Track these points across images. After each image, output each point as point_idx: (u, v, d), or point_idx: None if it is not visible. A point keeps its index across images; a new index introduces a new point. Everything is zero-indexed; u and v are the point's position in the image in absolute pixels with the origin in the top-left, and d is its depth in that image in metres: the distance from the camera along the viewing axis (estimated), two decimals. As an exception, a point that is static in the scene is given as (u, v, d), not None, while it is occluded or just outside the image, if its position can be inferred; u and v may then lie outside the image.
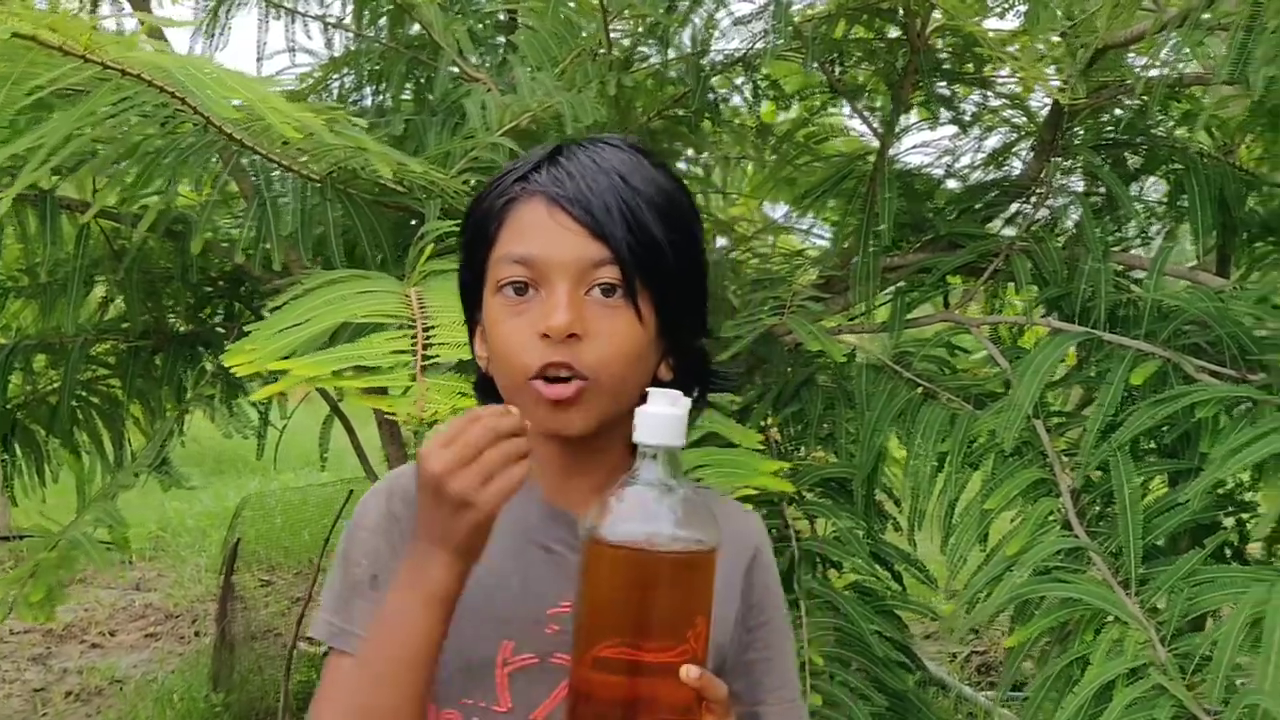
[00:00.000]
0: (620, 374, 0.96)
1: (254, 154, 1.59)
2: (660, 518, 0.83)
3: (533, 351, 0.94)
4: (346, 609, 1.00)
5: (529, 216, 0.97)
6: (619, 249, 0.94)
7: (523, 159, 1.02)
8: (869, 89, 2.40)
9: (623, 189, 0.96)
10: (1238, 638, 1.53)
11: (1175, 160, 2.35)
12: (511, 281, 0.96)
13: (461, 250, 1.04)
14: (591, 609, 0.84)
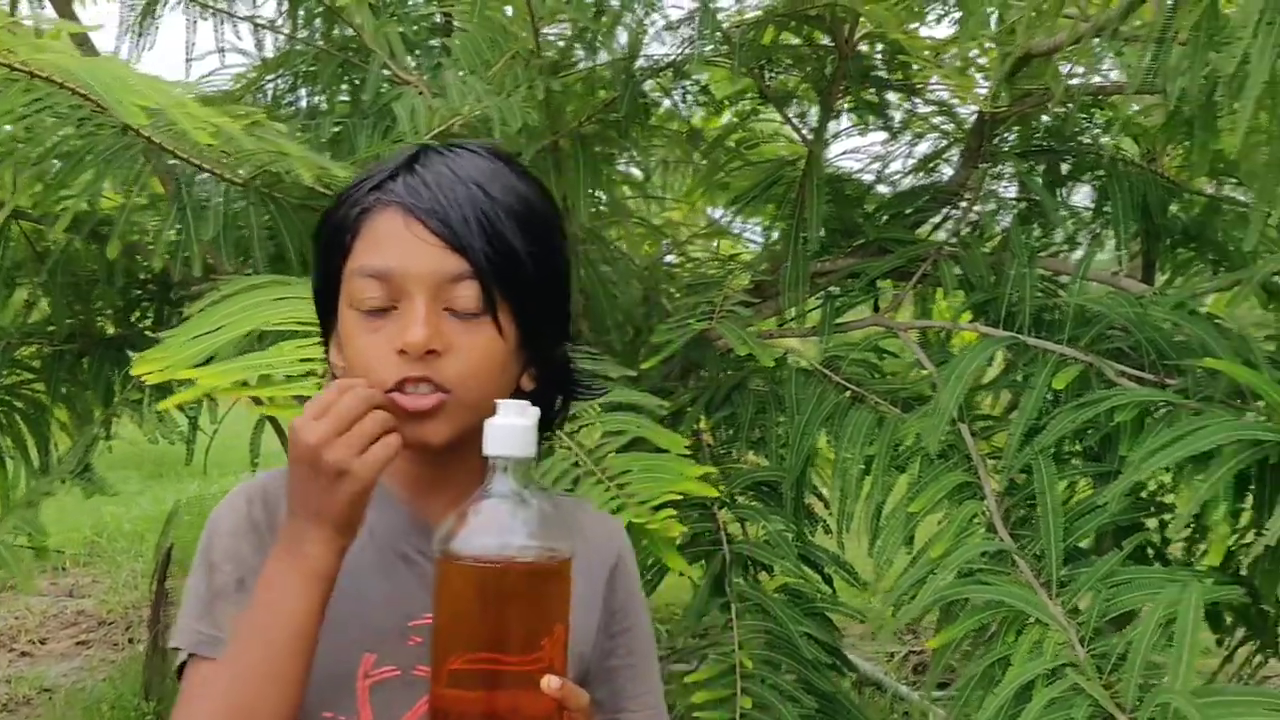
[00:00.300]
0: (481, 388, 0.94)
1: (175, 157, 1.57)
2: (512, 530, 0.82)
3: (390, 367, 0.92)
4: (211, 615, 0.96)
5: (385, 227, 0.94)
6: (477, 262, 0.92)
7: (378, 165, 0.99)
8: (799, 95, 2.41)
9: (481, 199, 0.94)
10: (1152, 637, 1.56)
11: (1101, 168, 2.39)
12: (367, 295, 0.93)
13: (315, 256, 1.01)
14: (447, 623, 0.83)
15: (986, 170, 2.33)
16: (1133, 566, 1.77)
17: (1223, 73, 1.39)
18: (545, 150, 2.09)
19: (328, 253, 0.98)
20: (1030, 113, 2.26)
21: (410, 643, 0.97)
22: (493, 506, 0.83)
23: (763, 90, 2.35)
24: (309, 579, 0.88)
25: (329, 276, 0.98)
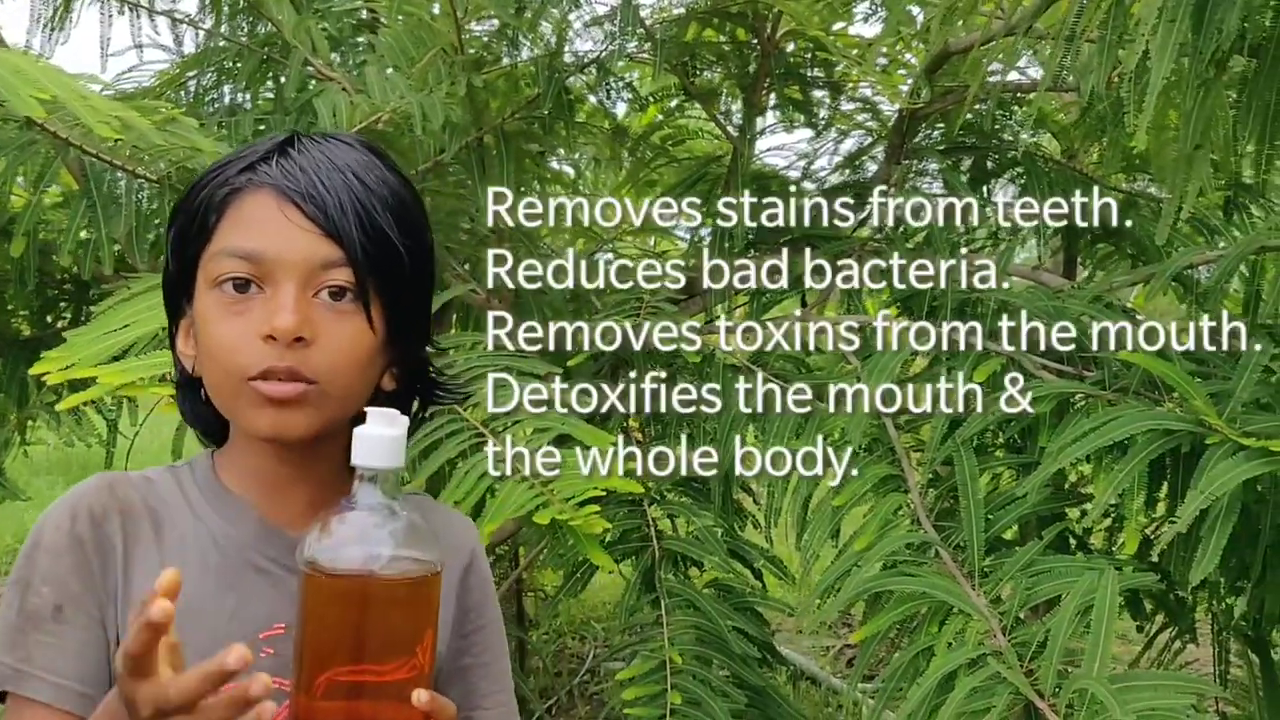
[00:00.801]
0: (347, 381, 0.91)
1: (83, 153, 1.53)
2: (380, 542, 0.80)
3: (253, 353, 0.88)
4: (22, 644, 0.89)
5: (255, 209, 0.90)
6: (353, 250, 0.90)
7: (248, 148, 0.95)
8: (723, 92, 2.42)
9: (358, 188, 0.91)
10: (1070, 624, 1.59)
11: (1020, 165, 2.43)
12: (233, 277, 0.89)
13: (169, 241, 0.96)
14: (312, 636, 0.81)
15: (910, 167, 2.36)
16: (1053, 556, 1.80)
17: (1126, 68, 1.42)
18: (469, 147, 2.08)
19: (186, 234, 0.93)
20: (952, 110, 2.29)
21: (262, 655, 0.93)
22: (360, 518, 0.81)
23: (687, 87, 2.36)
24: None
25: (185, 261, 0.93)
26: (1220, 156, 1.88)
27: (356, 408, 0.93)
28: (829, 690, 3.73)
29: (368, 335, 0.92)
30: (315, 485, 0.97)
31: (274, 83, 2.68)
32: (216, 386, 0.93)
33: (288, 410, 0.90)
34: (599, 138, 2.59)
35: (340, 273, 0.90)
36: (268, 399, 0.89)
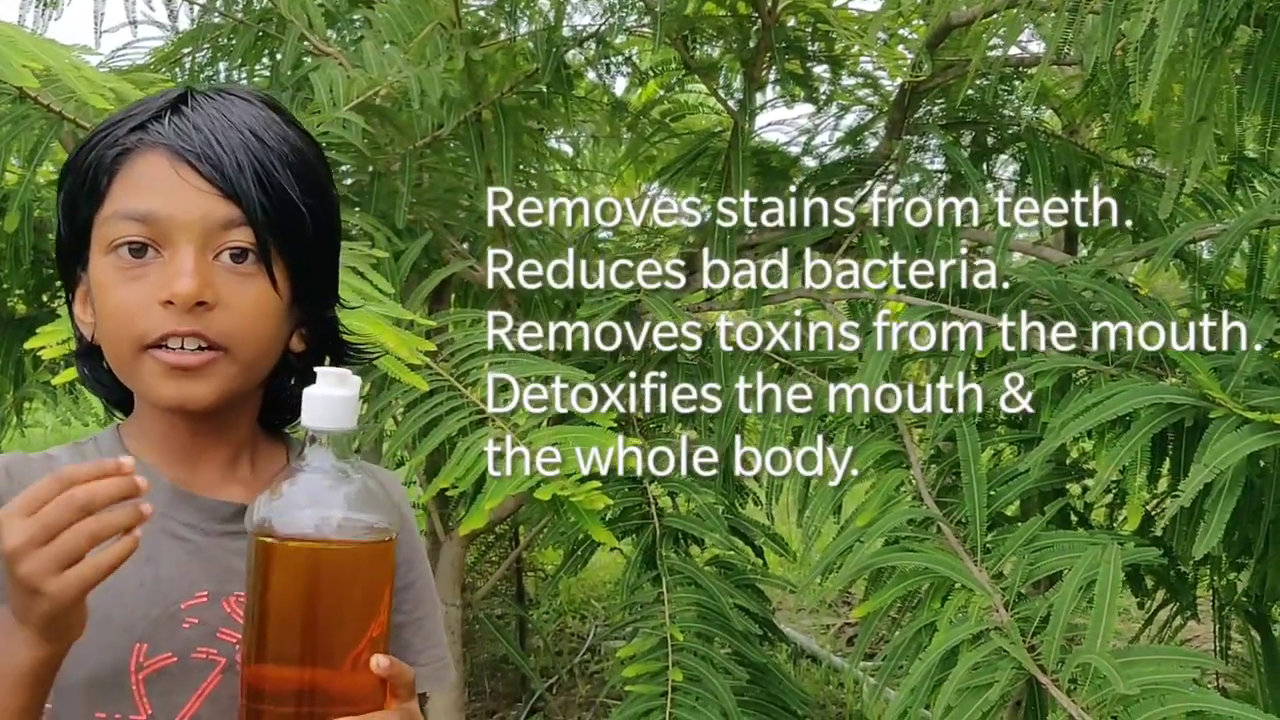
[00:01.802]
0: (254, 346, 0.88)
1: (78, 126, 1.52)
2: (332, 505, 0.78)
3: (152, 319, 0.85)
4: None
5: (148, 170, 0.87)
6: (252, 210, 0.86)
7: (138, 106, 0.91)
8: (723, 67, 2.41)
9: (255, 146, 0.88)
10: (1072, 600, 1.59)
11: (1023, 140, 2.42)
12: (128, 241, 0.86)
13: (60, 205, 0.92)
14: (264, 604, 0.79)
15: (911, 142, 2.34)
16: (1055, 531, 1.80)
17: (1132, 38, 1.41)
18: (468, 122, 2.06)
19: (77, 197, 0.90)
20: (953, 84, 2.27)
21: (185, 625, 0.90)
22: (311, 481, 0.79)
23: (687, 62, 2.34)
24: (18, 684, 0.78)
25: (77, 226, 0.90)
26: (1224, 129, 1.87)
27: (264, 372, 0.92)
28: (829, 668, 3.73)
29: (272, 297, 0.89)
30: (228, 449, 0.94)
31: (270, 59, 2.66)
32: (115, 356, 0.90)
33: (191, 379, 0.87)
34: (598, 113, 2.57)
35: (240, 233, 0.87)
36: (170, 367, 0.86)
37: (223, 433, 0.94)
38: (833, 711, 3.48)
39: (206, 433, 0.93)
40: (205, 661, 0.90)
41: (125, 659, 0.89)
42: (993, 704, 1.53)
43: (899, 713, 1.62)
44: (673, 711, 1.84)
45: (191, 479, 0.93)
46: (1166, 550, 1.88)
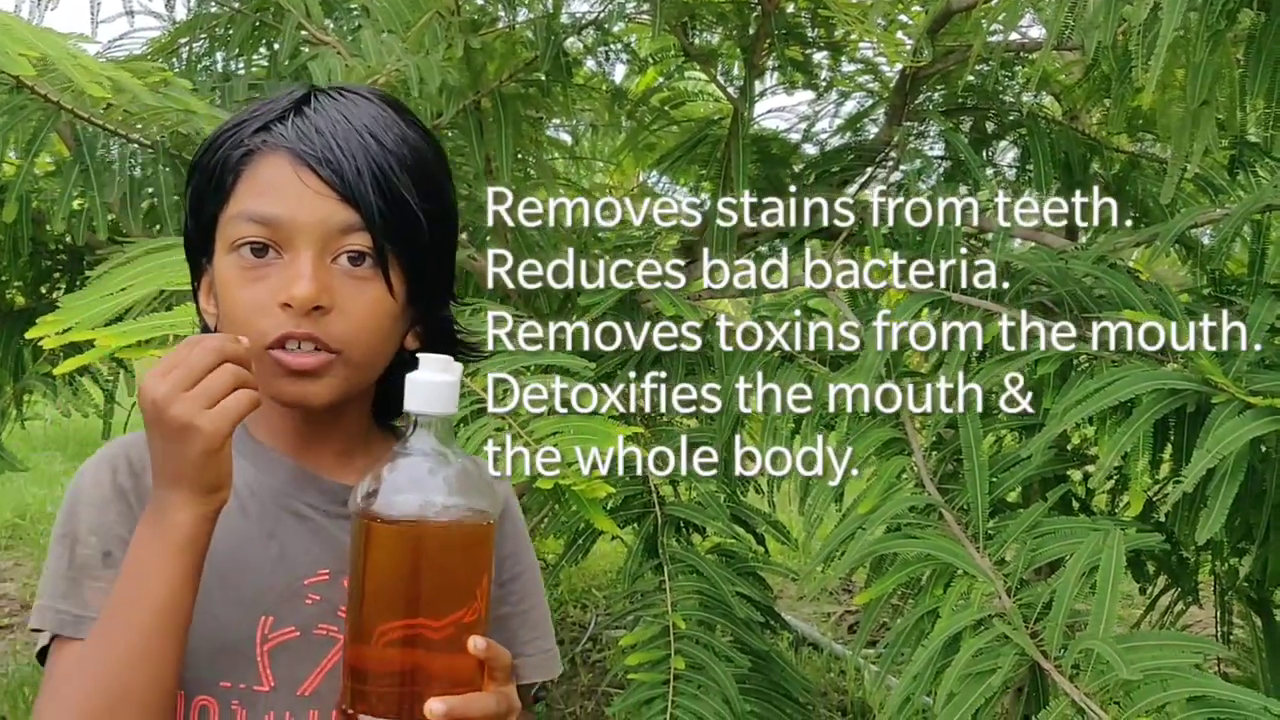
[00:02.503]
0: (368, 348, 0.91)
1: (75, 116, 1.51)
2: (434, 488, 0.80)
3: (271, 319, 0.88)
4: (77, 593, 0.90)
5: (271, 173, 0.90)
6: (370, 215, 0.89)
7: (263, 105, 0.93)
8: (723, 53, 2.40)
9: (375, 149, 0.90)
10: (1075, 586, 1.59)
11: (1024, 126, 2.41)
12: (249, 242, 0.89)
13: (188, 199, 0.95)
14: (367, 584, 0.81)
15: (911, 129, 2.33)
16: (1057, 517, 1.80)
17: (1134, 22, 1.40)
18: (467, 110, 2.06)
19: (203, 194, 0.92)
20: (954, 70, 2.27)
21: (308, 601, 0.94)
22: (414, 464, 0.81)
23: (686, 48, 2.33)
24: (174, 549, 0.83)
25: (203, 221, 0.93)
26: (1226, 114, 1.86)
27: (379, 371, 0.94)
28: (831, 656, 3.74)
29: (387, 300, 0.91)
30: (343, 439, 0.97)
31: (268, 49, 2.65)
32: None
33: (308, 380, 0.89)
34: (598, 101, 2.56)
35: (358, 238, 0.89)
36: (289, 370, 0.89)
37: (338, 424, 0.96)
38: (835, 699, 3.49)
39: (323, 423, 0.96)
40: (326, 638, 0.93)
41: (251, 631, 0.92)
42: (995, 690, 1.53)
43: (901, 700, 1.62)
44: (675, 699, 1.84)
45: (310, 462, 0.96)
46: (1169, 536, 1.88)
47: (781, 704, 2.03)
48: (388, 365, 0.96)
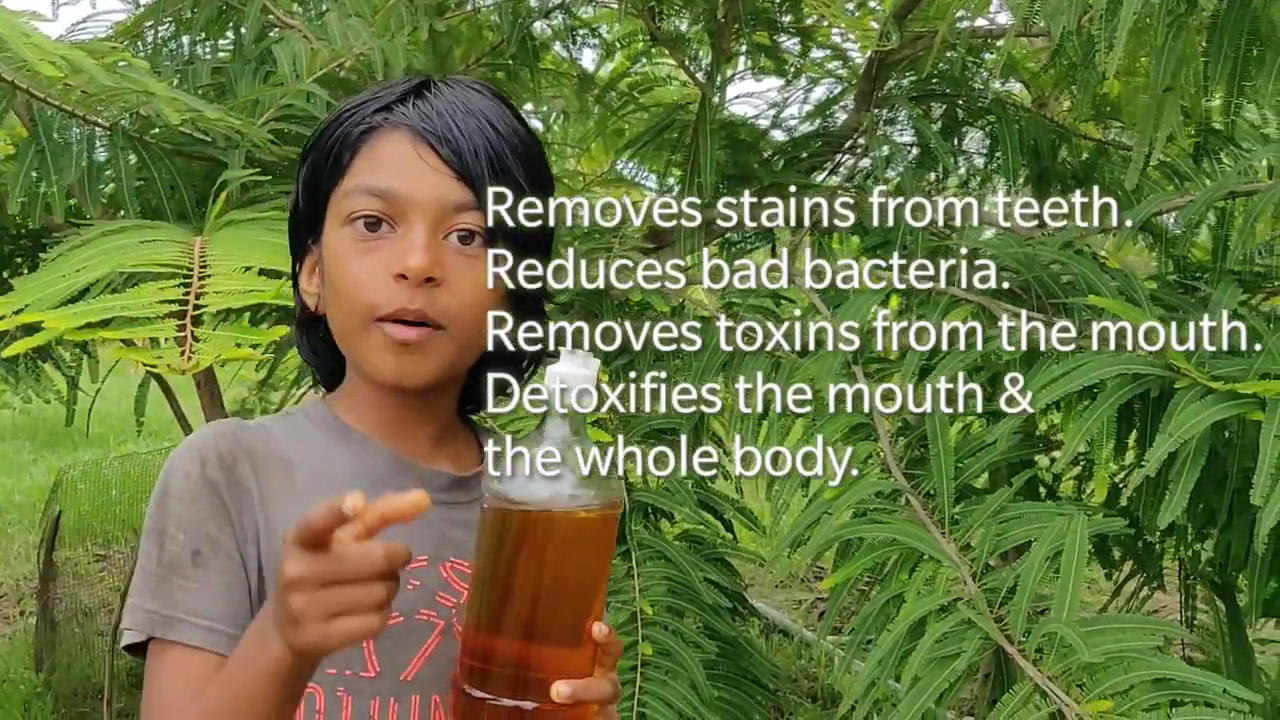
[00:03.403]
0: (473, 326, 0.92)
1: (31, 97, 1.49)
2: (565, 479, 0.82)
3: (384, 292, 0.90)
4: (166, 592, 0.90)
5: (391, 149, 0.92)
6: (484, 194, 0.91)
7: (383, 88, 0.96)
8: (691, 38, 2.39)
9: (491, 134, 0.93)
10: (1039, 570, 1.59)
11: (992, 113, 2.41)
12: (364, 215, 0.91)
13: (300, 177, 0.97)
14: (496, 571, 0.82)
15: (880, 115, 2.33)
16: (1023, 502, 1.80)
17: (1097, 7, 1.40)
18: (433, 94, 2.04)
19: (319, 171, 0.94)
20: (922, 56, 2.27)
21: (409, 587, 0.94)
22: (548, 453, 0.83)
23: (653, 33, 2.33)
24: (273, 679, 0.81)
25: (315, 195, 0.94)
26: (1190, 101, 1.87)
27: (476, 355, 0.95)
28: (801, 643, 3.75)
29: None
30: (434, 426, 0.98)
31: (234, 33, 2.62)
32: (343, 324, 0.93)
33: (410, 355, 0.90)
34: (566, 87, 2.55)
35: (471, 216, 0.91)
36: (395, 342, 0.89)
37: (430, 410, 0.97)
38: (805, 686, 3.50)
39: (415, 409, 0.97)
40: (427, 623, 0.94)
41: None
42: (960, 674, 1.53)
43: (866, 685, 1.62)
44: (642, 685, 1.84)
45: (409, 448, 0.96)
46: (1133, 521, 1.89)
47: (750, 690, 2.04)
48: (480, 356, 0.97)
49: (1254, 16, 1.52)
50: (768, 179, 2.30)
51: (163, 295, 1.11)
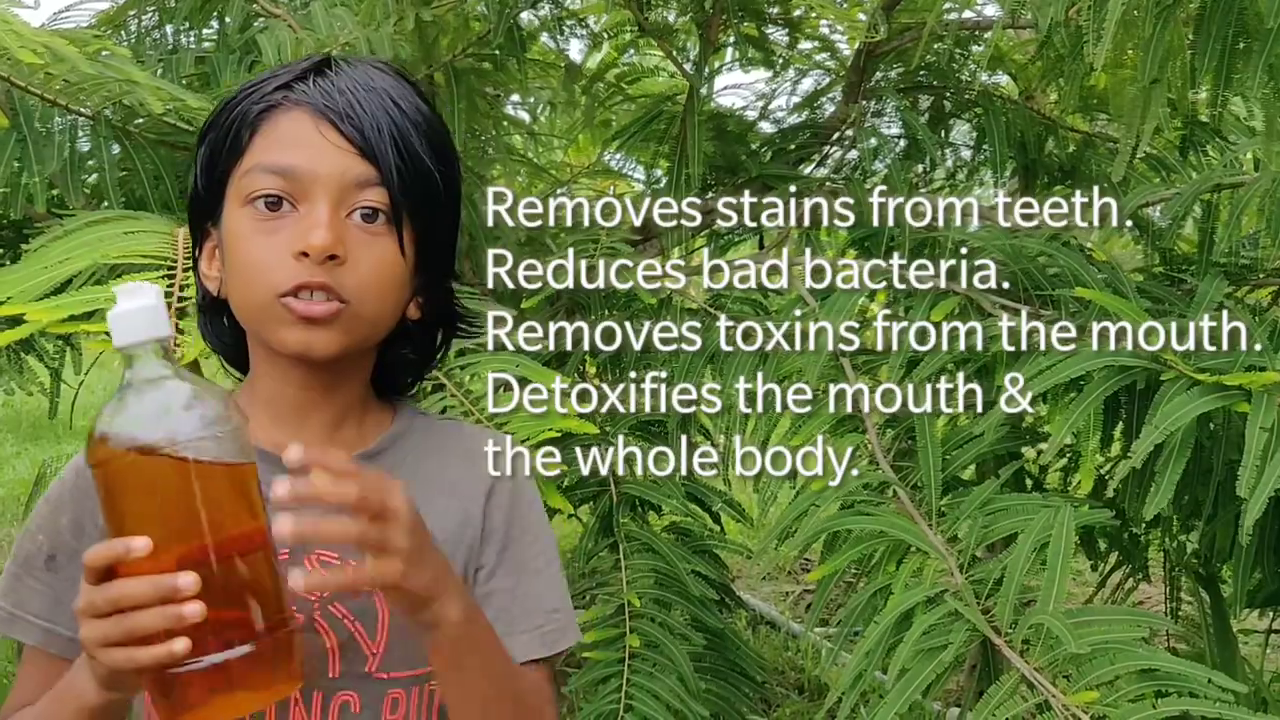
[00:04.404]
0: (378, 303, 0.91)
1: (12, 85, 1.47)
2: (172, 412, 0.78)
3: (285, 270, 0.88)
4: (15, 589, 0.91)
5: (292, 127, 0.90)
6: (388, 171, 0.89)
7: (284, 67, 0.95)
8: (679, 29, 2.38)
9: (394, 111, 0.91)
10: (1025, 561, 1.60)
11: (980, 105, 2.41)
12: (265, 194, 0.89)
13: (198, 159, 0.95)
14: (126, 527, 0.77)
15: (868, 107, 2.33)
16: (1010, 494, 1.81)
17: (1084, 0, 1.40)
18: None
19: (217, 151, 0.92)
20: (909, 48, 2.26)
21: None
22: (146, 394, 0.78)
23: (641, 23, 2.32)
24: (79, 709, 0.83)
25: (214, 178, 0.93)
26: (1177, 93, 1.87)
27: (383, 333, 0.94)
28: (788, 635, 3.76)
29: (398, 258, 0.92)
30: (335, 409, 0.96)
31: (218, 21, 2.60)
32: (245, 305, 0.92)
33: (317, 328, 0.89)
34: (554, 78, 2.54)
35: (374, 193, 0.90)
36: (299, 316, 0.88)
37: (332, 392, 0.95)
38: (792, 678, 3.51)
39: (317, 389, 0.95)
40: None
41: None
42: (947, 665, 1.54)
43: (853, 676, 1.63)
44: (630, 677, 1.84)
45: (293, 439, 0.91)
46: (1119, 513, 1.90)
47: (737, 682, 2.04)
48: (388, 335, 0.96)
49: (1241, 9, 1.52)
50: (756, 171, 2.30)
51: (146, 286, 1.09)
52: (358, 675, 0.92)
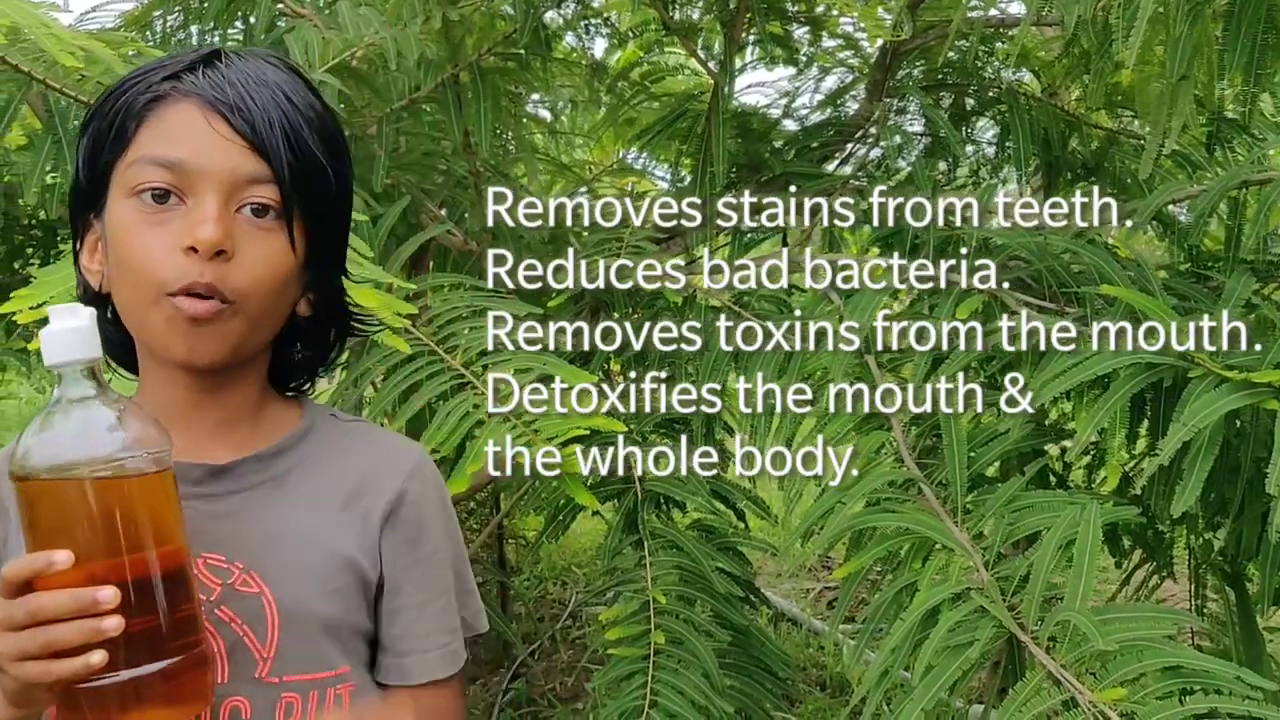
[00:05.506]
0: (265, 302, 0.89)
1: (47, 88, 1.49)
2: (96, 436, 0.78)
3: (173, 267, 0.85)
4: None
5: (179, 119, 0.87)
6: (279, 167, 0.87)
7: (170, 58, 0.91)
8: (704, 28, 2.39)
9: (286, 106, 0.89)
10: (1052, 559, 1.60)
11: (1003, 102, 2.41)
12: (152, 187, 0.86)
13: (81, 148, 0.92)
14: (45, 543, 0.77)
15: (891, 105, 2.33)
16: (1035, 491, 1.81)
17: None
18: (445, 84, 2.04)
19: (100, 140, 0.89)
20: (934, 46, 2.26)
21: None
22: (72, 414, 0.78)
23: (666, 22, 2.32)
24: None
25: (97, 169, 0.89)
26: (1204, 90, 1.87)
27: (271, 332, 0.92)
28: (810, 632, 3.76)
29: (288, 255, 0.89)
30: (224, 411, 0.94)
31: (244, 22, 2.62)
32: (130, 302, 0.89)
33: (201, 331, 0.86)
34: (578, 77, 2.55)
35: (265, 189, 0.87)
36: (184, 316, 0.86)
37: (221, 393, 0.93)
38: (814, 674, 3.51)
39: (205, 391, 0.93)
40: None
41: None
42: (973, 663, 1.54)
43: (879, 673, 1.63)
44: (655, 674, 1.84)
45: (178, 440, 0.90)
46: (1144, 510, 1.89)
47: (761, 678, 2.04)
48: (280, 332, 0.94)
49: (1271, 5, 1.51)
50: (779, 169, 2.30)
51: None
52: (247, 679, 0.90)
